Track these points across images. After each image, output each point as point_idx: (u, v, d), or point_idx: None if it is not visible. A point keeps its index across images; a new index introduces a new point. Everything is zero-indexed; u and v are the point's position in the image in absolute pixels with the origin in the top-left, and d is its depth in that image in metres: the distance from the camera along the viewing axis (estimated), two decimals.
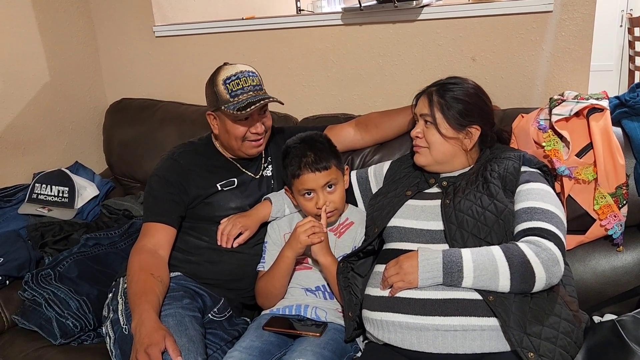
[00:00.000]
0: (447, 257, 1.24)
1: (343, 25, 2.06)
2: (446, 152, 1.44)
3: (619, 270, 1.53)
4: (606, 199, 1.48)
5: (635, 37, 3.89)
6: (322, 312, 1.46)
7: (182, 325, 1.36)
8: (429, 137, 1.44)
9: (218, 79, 1.56)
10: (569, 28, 1.78)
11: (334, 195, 1.50)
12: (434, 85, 1.49)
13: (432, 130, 1.44)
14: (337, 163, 1.51)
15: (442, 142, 1.43)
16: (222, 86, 1.55)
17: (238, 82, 1.54)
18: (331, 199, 1.49)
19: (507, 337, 1.17)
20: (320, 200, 1.48)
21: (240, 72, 1.56)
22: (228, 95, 1.54)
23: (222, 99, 1.55)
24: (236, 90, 1.54)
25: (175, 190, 1.59)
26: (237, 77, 1.55)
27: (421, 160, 1.47)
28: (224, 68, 1.58)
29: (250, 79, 1.56)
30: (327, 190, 1.49)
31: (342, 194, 1.53)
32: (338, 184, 1.51)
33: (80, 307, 1.59)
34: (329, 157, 1.49)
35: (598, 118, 1.53)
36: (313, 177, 1.47)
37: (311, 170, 1.47)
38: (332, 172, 1.49)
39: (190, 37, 2.32)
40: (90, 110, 2.45)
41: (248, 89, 1.55)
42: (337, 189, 1.51)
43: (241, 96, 1.54)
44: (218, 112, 1.58)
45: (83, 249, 1.77)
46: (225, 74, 1.56)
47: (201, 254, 1.60)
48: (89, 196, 2.13)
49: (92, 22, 2.44)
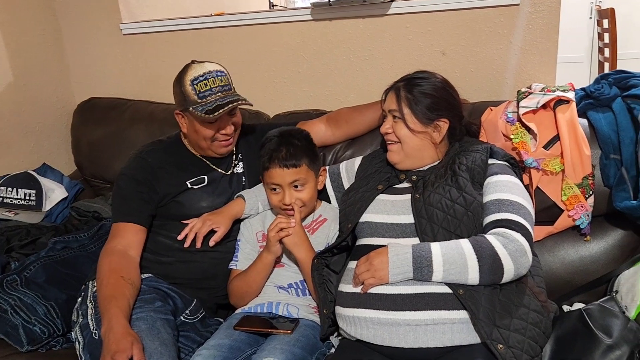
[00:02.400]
0: (416, 252, 1.24)
1: (313, 20, 2.05)
2: (415, 147, 1.44)
3: (586, 260, 1.56)
4: (573, 190, 1.50)
5: (604, 29, 3.94)
6: (294, 308, 1.46)
7: (154, 328, 1.34)
8: (398, 132, 1.45)
9: (185, 79, 1.52)
10: (535, 21, 1.80)
11: (301, 193, 1.48)
12: (402, 81, 1.49)
13: (401, 124, 1.44)
14: (309, 162, 1.49)
15: (411, 137, 1.43)
16: (189, 87, 1.51)
17: (206, 83, 1.50)
18: (298, 197, 1.48)
19: (477, 330, 1.18)
20: (286, 197, 1.47)
21: (209, 72, 1.52)
22: (196, 96, 1.50)
23: (189, 100, 1.52)
24: (204, 91, 1.50)
25: (144, 189, 1.56)
26: (205, 77, 1.51)
27: (393, 157, 1.48)
28: (192, 67, 1.54)
29: (219, 79, 1.53)
30: (294, 189, 1.48)
31: (310, 194, 1.51)
32: (307, 184, 1.49)
33: (48, 313, 1.55)
34: (301, 156, 1.47)
35: (564, 110, 1.55)
36: (280, 172, 1.46)
37: (279, 166, 1.46)
38: (302, 171, 1.47)
39: (159, 34, 2.28)
40: (57, 110, 2.40)
41: (216, 90, 1.51)
42: (306, 189, 1.49)
43: (209, 97, 1.50)
44: (186, 112, 1.55)
45: (51, 253, 1.73)
46: (192, 74, 1.52)
47: (172, 254, 1.58)
48: (57, 198, 2.08)
49: (57, 20, 2.38)
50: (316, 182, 1.54)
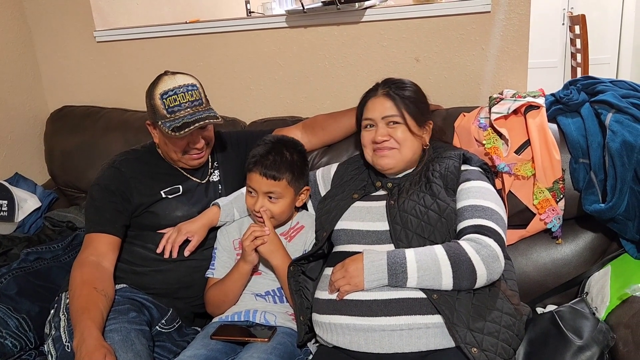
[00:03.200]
0: (391, 259, 1.25)
1: (288, 27, 2.05)
2: (414, 150, 1.46)
3: (558, 262, 1.59)
4: (544, 194, 1.53)
5: (576, 35, 4.02)
6: (272, 316, 1.45)
7: (128, 340, 1.32)
8: (399, 137, 1.43)
9: (155, 92, 1.50)
10: (506, 28, 1.83)
11: (273, 206, 1.48)
12: (384, 87, 1.48)
13: (402, 128, 1.43)
14: (291, 179, 1.47)
15: (411, 139, 1.44)
16: (159, 100, 1.49)
17: (175, 98, 1.48)
18: (269, 207, 1.47)
19: (451, 334, 1.20)
20: (257, 204, 1.47)
21: (179, 86, 1.49)
22: (165, 111, 1.48)
23: (159, 114, 1.49)
24: (173, 106, 1.47)
25: (117, 199, 1.54)
26: (174, 92, 1.48)
27: (389, 162, 1.44)
28: (163, 79, 1.51)
29: (189, 93, 1.50)
30: (268, 199, 1.47)
31: (282, 209, 1.49)
32: (282, 198, 1.48)
33: (20, 326, 1.52)
34: (284, 170, 1.45)
35: (535, 115, 1.58)
36: (259, 179, 1.45)
37: (260, 173, 1.45)
38: (280, 185, 1.46)
39: (133, 41, 2.26)
40: (30, 119, 2.36)
41: (185, 105, 1.48)
42: (279, 203, 1.48)
43: (177, 113, 1.48)
44: (159, 126, 1.53)
45: (23, 264, 1.69)
46: (163, 87, 1.49)
47: (147, 264, 1.56)
48: (30, 208, 2.04)
49: (28, 28, 2.34)
50: (294, 199, 1.52)
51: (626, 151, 1.41)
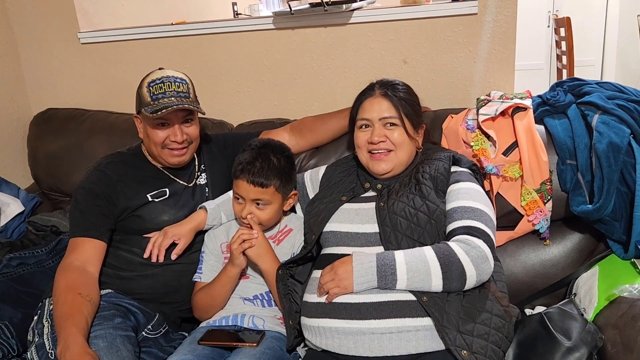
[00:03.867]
0: (380, 261, 1.24)
1: (275, 29, 2.04)
2: (410, 152, 1.45)
3: (547, 263, 1.59)
4: (532, 195, 1.53)
5: (561, 37, 4.06)
6: (260, 320, 1.44)
7: (113, 346, 1.30)
8: (396, 139, 1.42)
9: (144, 82, 1.53)
10: (493, 30, 1.84)
11: (261, 212, 1.46)
12: (381, 87, 1.47)
13: (399, 131, 1.42)
14: (279, 185, 1.45)
15: (408, 142, 1.44)
16: (145, 89, 1.51)
17: (161, 87, 1.50)
18: (257, 214, 1.46)
19: (441, 337, 1.19)
20: (244, 211, 1.45)
21: (166, 76, 1.52)
22: (149, 98, 1.50)
23: (143, 102, 1.51)
24: (157, 93, 1.49)
25: (103, 203, 1.52)
26: (161, 81, 1.51)
27: (386, 166, 1.43)
28: (155, 72, 1.55)
29: (176, 84, 1.51)
30: (256, 205, 1.46)
31: (270, 215, 1.48)
32: (270, 205, 1.46)
33: (2, 333, 1.49)
34: (272, 177, 1.44)
35: (522, 117, 1.58)
36: (246, 186, 1.44)
37: (247, 181, 1.43)
38: (268, 192, 1.44)
39: (118, 43, 2.23)
40: (13, 122, 2.32)
41: (170, 94, 1.50)
42: (267, 209, 1.46)
43: (161, 100, 1.49)
44: (140, 115, 1.55)
45: (5, 270, 1.66)
46: (151, 77, 1.53)
47: (133, 269, 1.54)
48: (13, 213, 2.01)
49: (11, 29, 2.31)
50: (282, 204, 1.51)
51: (612, 152, 1.42)
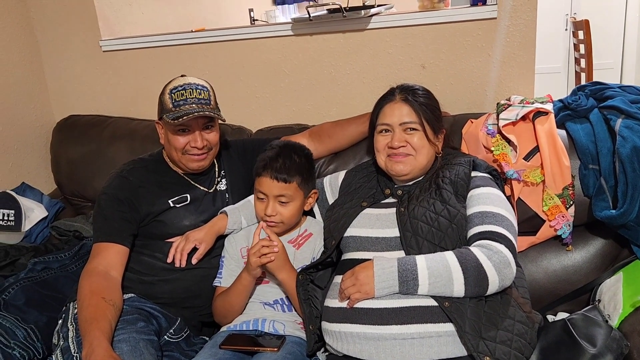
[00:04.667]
0: (402, 266, 1.24)
1: (294, 35, 2.06)
2: (429, 157, 1.45)
3: (569, 269, 1.57)
4: (554, 200, 1.52)
5: (579, 40, 4.02)
6: (280, 325, 1.44)
7: (137, 350, 1.31)
8: (416, 143, 1.42)
9: (166, 88, 1.56)
10: (513, 34, 1.83)
11: (284, 209, 1.48)
12: (401, 92, 1.47)
13: (419, 135, 1.43)
14: (301, 181, 1.47)
15: (428, 147, 1.44)
16: (167, 95, 1.54)
17: (183, 93, 1.52)
18: (280, 211, 1.47)
19: (463, 342, 1.18)
20: (269, 208, 1.46)
21: (188, 83, 1.54)
22: (171, 104, 1.52)
23: (165, 108, 1.54)
24: (179, 100, 1.52)
25: (125, 209, 1.54)
26: (183, 87, 1.53)
27: (404, 168, 1.43)
28: (177, 79, 1.57)
29: (197, 91, 1.54)
30: (279, 202, 1.47)
31: (293, 212, 1.49)
32: (292, 202, 1.48)
33: (28, 336, 1.51)
34: (294, 173, 1.46)
35: (543, 121, 1.57)
36: (269, 182, 1.46)
37: (270, 177, 1.45)
38: (291, 188, 1.46)
39: (139, 50, 2.26)
40: (36, 128, 2.36)
41: (192, 101, 1.52)
42: (290, 206, 1.48)
43: (183, 107, 1.51)
44: (161, 120, 1.57)
45: (30, 274, 1.69)
46: (174, 84, 1.55)
47: (155, 273, 1.56)
48: (37, 218, 2.04)
49: (35, 37, 2.35)
50: (303, 202, 1.52)
51: (637, 157, 1.40)
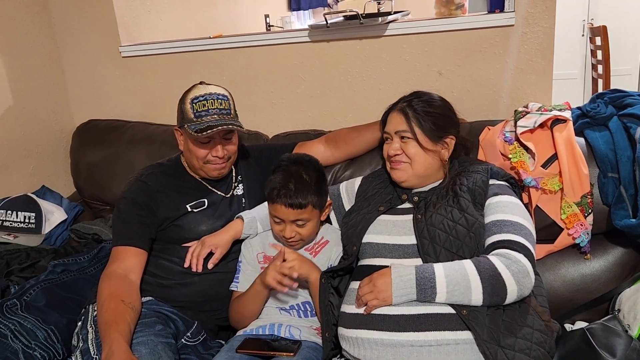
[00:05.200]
0: (420, 274, 1.24)
1: (311, 42, 2.07)
2: (427, 165, 1.45)
3: (587, 278, 1.56)
4: (572, 208, 1.51)
5: (596, 46, 3.99)
6: (296, 330, 1.45)
7: (155, 353, 1.33)
8: (409, 151, 1.44)
9: (187, 97, 1.56)
10: (530, 41, 1.83)
11: (303, 229, 1.48)
12: (404, 101, 1.50)
13: (412, 144, 1.44)
14: (315, 201, 1.46)
15: (423, 155, 1.44)
16: (188, 105, 1.54)
17: (204, 104, 1.52)
18: (298, 231, 1.48)
19: (481, 351, 1.18)
20: (287, 231, 1.47)
21: (209, 93, 1.54)
22: (192, 114, 1.53)
23: (186, 118, 1.54)
24: (201, 111, 1.52)
25: (144, 213, 1.56)
26: (204, 98, 1.53)
27: (401, 175, 1.46)
28: (197, 87, 1.58)
29: (218, 101, 1.54)
30: (296, 225, 1.47)
31: (311, 229, 1.50)
32: (310, 221, 1.48)
33: (49, 337, 1.54)
34: (307, 194, 1.45)
35: (561, 129, 1.56)
36: (284, 210, 1.45)
37: (285, 205, 1.44)
38: (306, 211, 1.45)
39: (158, 56, 2.29)
40: (56, 132, 2.41)
41: (213, 112, 1.53)
42: (308, 225, 1.48)
43: (205, 118, 1.52)
44: (182, 129, 1.58)
45: (51, 276, 1.72)
46: (195, 93, 1.55)
47: (172, 277, 1.57)
48: (57, 221, 2.08)
49: (56, 43, 2.40)
50: (319, 217, 1.53)
51: None
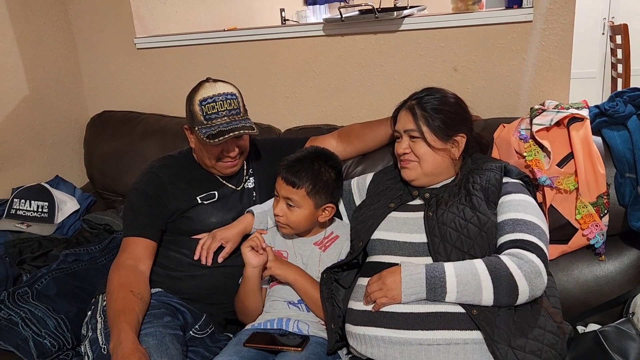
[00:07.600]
0: (430, 272, 1.23)
1: (325, 36, 2.06)
2: (436, 164, 1.43)
3: (601, 280, 1.53)
4: (587, 209, 1.48)
5: (617, 45, 3.92)
6: (305, 325, 1.44)
7: (163, 344, 1.33)
8: (418, 151, 1.43)
9: (195, 99, 1.52)
10: (549, 38, 1.79)
11: (291, 213, 1.48)
12: (413, 99, 1.48)
13: (420, 143, 1.43)
14: (310, 190, 1.46)
15: (431, 154, 1.42)
16: (197, 107, 1.50)
17: (214, 106, 1.49)
18: (286, 213, 1.48)
19: (491, 351, 1.16)
20: (277, 207, 1.50)
21: (218, 94, 1.50)
22: (202, 117, 1.50)
23: (196, 120, 1.51)
24: (210, 113, 1.49)
25: (154, 204, 1.56)
26: (213, 99, 1.49)
27: (410, 174, 1.45)
28: (204, 86, 1.53)
29: (227, 102, 1.51)
30: (287, 205, 1.48)
31: (299, 218, 1.48)
32: (300, 208, 1.47)
33: (59, 326, 1.55)
34: (305, 180, 1.45)
35: (578, 127, 1.53)
36: (280, 182, 1.49)
37: (282, 177, 1.48)
38: (298, 193, 1.46)
39: (172, 48, 2.30)
40: (71, 123, 2.43)
41: (223, 114, 1.50)
42: (296, 212, 1.48)
43: (215, 121, 1.49)
44: (193, 130, 1.55)
45: (62, 265, 1.73)
46: (202, 94, 1.51)
47: (182, 269, 1.58)
48: (69, 211, 2.09)
49: (72, 34, 2.41)
50: (313, 213, 1.50)
51: None
